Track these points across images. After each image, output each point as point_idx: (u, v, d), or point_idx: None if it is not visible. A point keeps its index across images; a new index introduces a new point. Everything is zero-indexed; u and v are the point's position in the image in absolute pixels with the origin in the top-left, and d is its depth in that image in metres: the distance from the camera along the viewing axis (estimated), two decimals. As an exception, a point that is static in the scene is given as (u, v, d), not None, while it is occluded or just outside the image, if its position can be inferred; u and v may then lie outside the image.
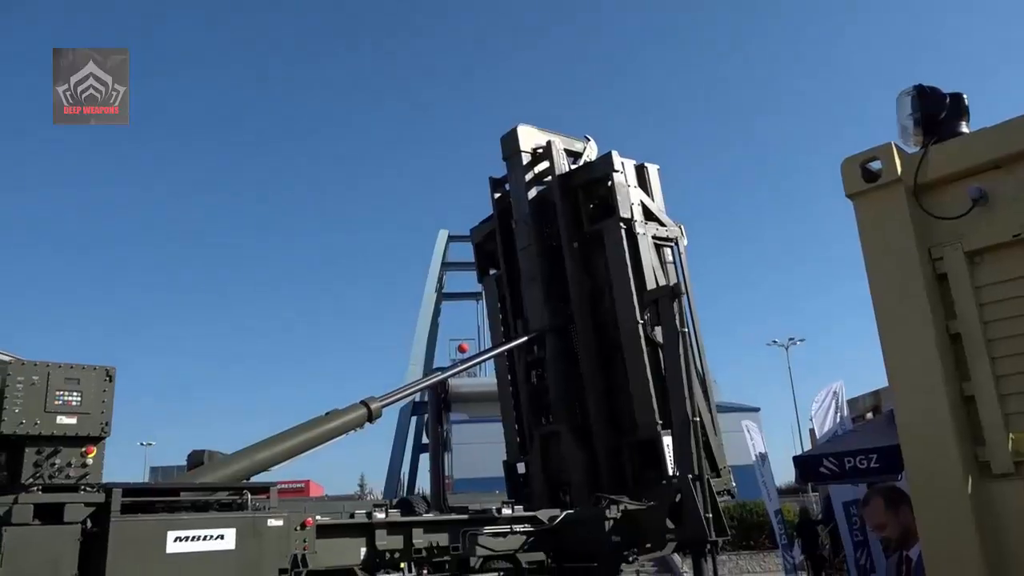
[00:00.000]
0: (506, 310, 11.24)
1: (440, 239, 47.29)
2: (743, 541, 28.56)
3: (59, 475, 5.27)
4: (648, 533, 8.17)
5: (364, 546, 7.29)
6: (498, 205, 11.37)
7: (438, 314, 45.54)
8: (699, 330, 9.86)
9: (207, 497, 5.96)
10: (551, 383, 10.16)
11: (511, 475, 10.95)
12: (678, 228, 10.34)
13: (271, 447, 7.41)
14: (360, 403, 8.27)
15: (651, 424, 9.05)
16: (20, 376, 5.23)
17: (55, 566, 5.03)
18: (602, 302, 10.08)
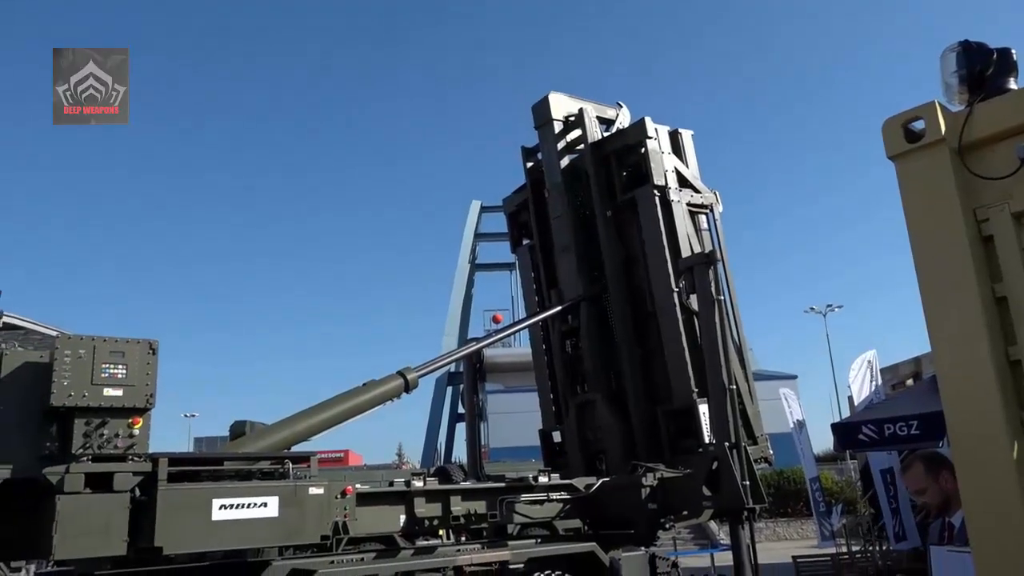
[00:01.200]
0: (540, 280, 11.22)
1: (472, 210, 47.27)
2: (780, 509, 28.50)
3: (107, 445, 5.41)
4: (685, 500, 8.18)
5: (403, 513, 7.42)
6: (530, 175, 11.32)
7: (472, 285, 45.70)
8: (735, 297, 9.77)
9: (250, 466, 6.10)
10: (586, 352, 10.16)
11: (547, 444, 11.02)
12: (713, 194, 10.20)
13: (310, 417, 7.54)
14: (397, 373, 8.37)
15: (687, 392, 9.01)
16: (67, 350, 5.37)
17: (106, 532, 5.20)
18: (636, 270, 10.02)
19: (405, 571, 6.51)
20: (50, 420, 5.42)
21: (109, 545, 5.23)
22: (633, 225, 10.04)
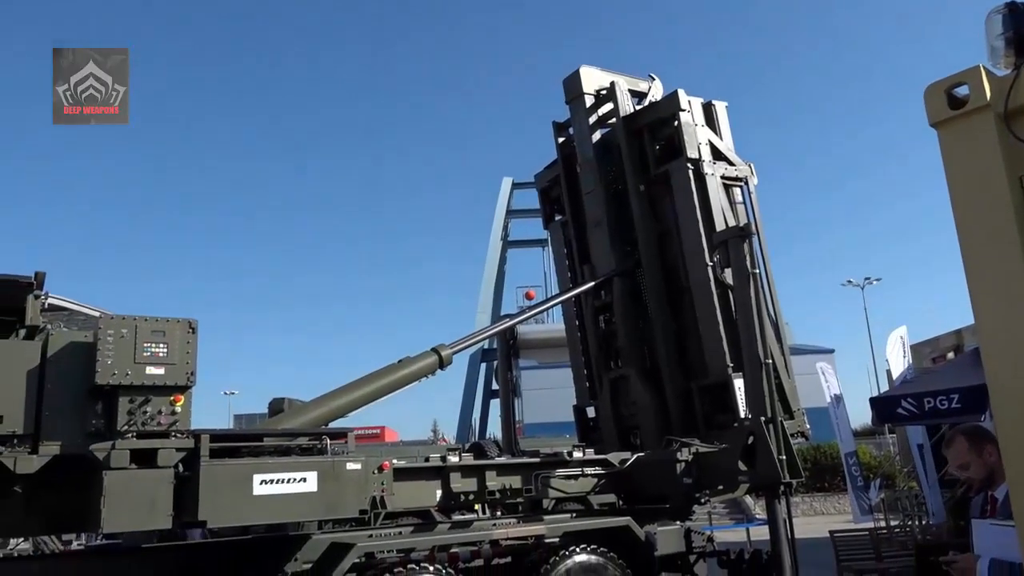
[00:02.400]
0: (572, 256, 11.18)
1: (504, 187, 47.13)
2: (817, 483, 28.32)
3: (151, 422, 5.54)
4: (720, 475, 8.16)
5: (439, 488, 7.50)
6: (562, 150, 11.24)
7: (504, 262, 45.67)
8: (770, 271, 9.64)
9: (288, 442, 6.20)
10: (619, 327, 10.13)
11: (581, 419, 11.05)
12: (748, 167, 10.04)
13: (347, 394, 7.64)
14: (431, 350, 8.42)
15: (722, 367, 8.96)
16: (110, 330, 5.49)
17: (152, 506, 5.33)
18: (670, 245, 9.93)
19: (442, 544, 6.59)
20: (95, 398, 5.55)
21: (155, 518, 5.37)
22: (666, 199, 9.94)
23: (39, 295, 6.10)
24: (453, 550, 6.62)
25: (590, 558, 7.00)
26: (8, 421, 5.25)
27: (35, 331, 6.05)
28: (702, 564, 8.23)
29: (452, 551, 6.61)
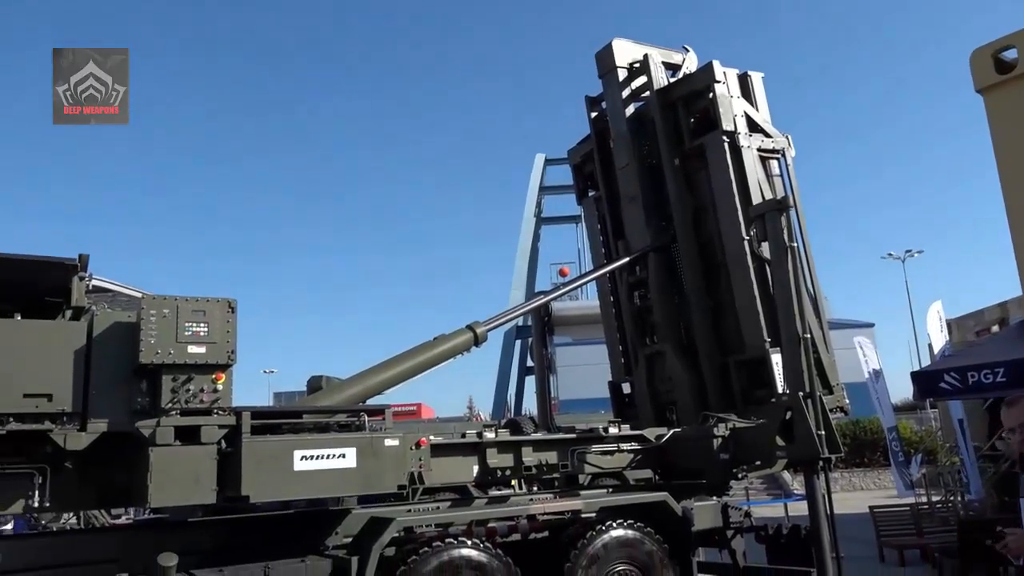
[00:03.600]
0: (607, 231, 11.12)
1: (537, 163, 46.90)
2: (856, 459, 28.02)
3: (194, 400, 5.65)
4: (757, 450, 8.10)
5: (476, 464, 7.57)
6: (595, 125, 11.14)
7: (538, 239, 45.55)
8: (808, 244, 9.48)
9: (327, 419, 6.29)
10: (655, 303, 10.07)
11: (616, 395, 11.05)
12: (785, 139, 9.85)
13: (383, 372, 7.72)
14: (466, 327, 8.46)
15: (759, 342, 8.87)
16: (152, 310, 5.60)
17: (196, 481, 5.46)
18: (705, 219, 9.82)
19: (480, 519, 6.66)
20: (140, 377, 5.68)
21: (199, 493, 5.50)
22: (702, 173, 9.82)
23: (83, 277, 6.24)
24: (491, 525, 6.68)
25: (627, 533, 7.03)
26: (57, 399, 5.40)
27: (80, 312, 6.20)
28: (739, 539, 8.21)
29: (490, 526, 6.67)
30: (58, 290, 6.24)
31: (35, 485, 5.47)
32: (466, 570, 6.17)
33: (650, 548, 7.08)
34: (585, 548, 6.77)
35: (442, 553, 6.14)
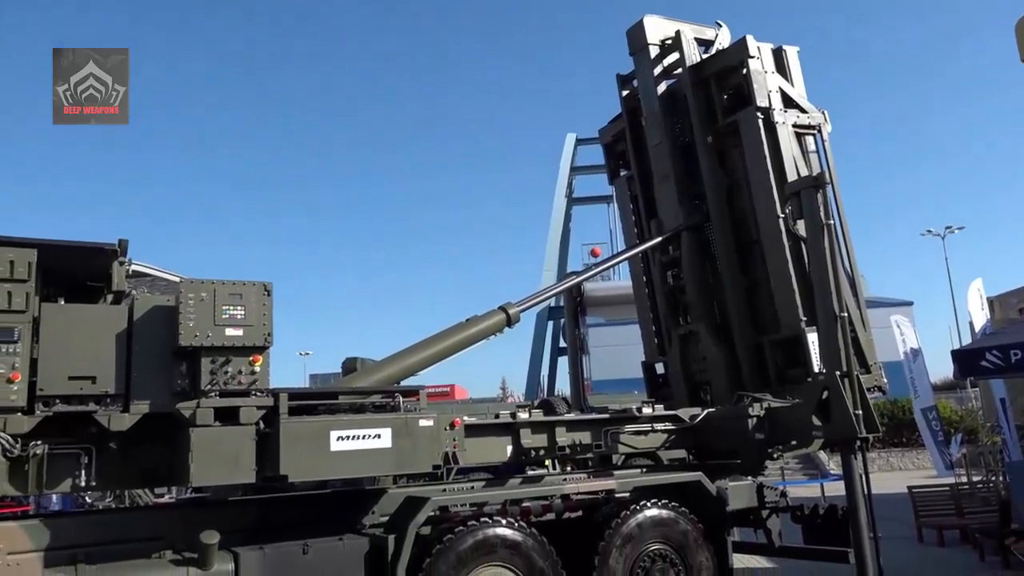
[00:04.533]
0: (639, 211, 11.04)
1: (568, 143, 46.52)
2: (894, 438, 27.68)
3: (232, 382, 5.75)
4: (793, 430, 8.04)
5: (510, 444, 7.61)
6: (627, 103, 11.04)
7: (569, 219, 45.26)
8: (845, 221, 9.33)
9: (362, 400, 6.36)
10: (688, 283, 9.99)
11: (650, 375, 11.01)
12: (821, 114, 9.68)
13: (417, 353, 7.77)
14: (498, 309, 8.48)
15: (795, 321, 8.77)
16: (191, 293, 5.69)
17: (236, 461, 5.57)
18: (739, 197, 9.70)
19: (514, 499, 6.71)
20: (180, 359, 5.79)
21: (239, 473, 5.60)
22: (735, 150, 9.69)
23: (123, 262, 6.36)
24: (525, 504, 6.73)
25: (661, 512, 7.03)
26: (101, 382, 5.53)
27: (121, 296, 6.33)
28: (775, 519, 8.18)
29: (524, 505, 6.72)
30: (99, 275, 6.37)
31: (81, 465, 5.62)
32: (501, 548, 6.23)
33: (685, 527, 7.08)
34: (619, 527, 6.78)
35: (477, 532, 6.21)
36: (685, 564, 7.02)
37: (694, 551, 7.06)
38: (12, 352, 5.30)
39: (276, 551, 5.76)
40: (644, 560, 6.85)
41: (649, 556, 6.89)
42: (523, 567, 6.27)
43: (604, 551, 6.68)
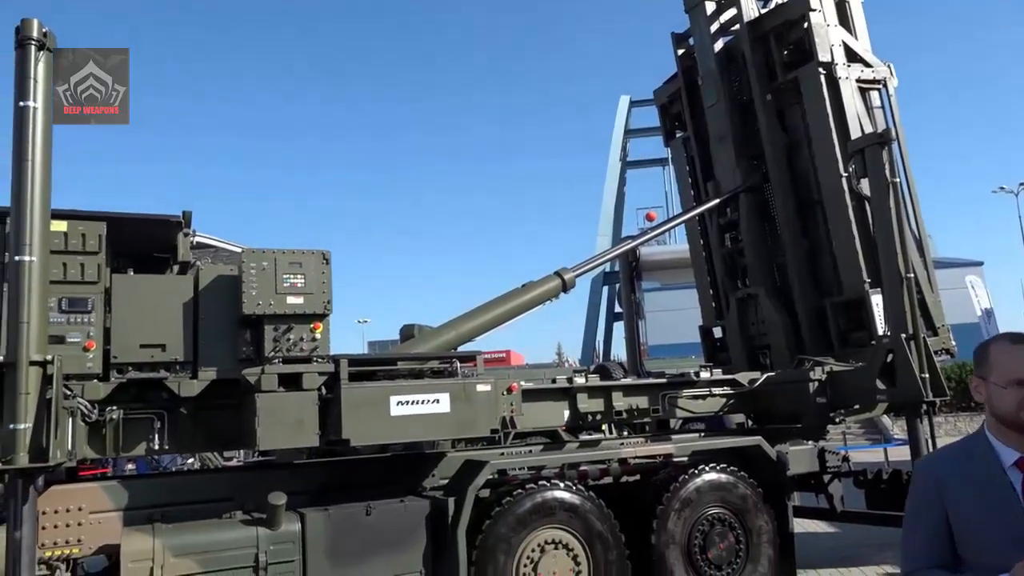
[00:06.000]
0: (695, 173, 10.86)
1: (622, 105, 45.88)
2: (963, 402, 26.91)
3: (294, 349, 5.88)
4: (856, 394, 7.89)
5: (567, 409, 7.64)
6: (682, 62, 10.81)
7: (624, 183, 44.82)
8: (912, 179, 9.02)
9: (420, 366, 6.45)
10: (746, 245, 9.82)
11: (707, 340, 10.91)
12: (886, 68, 9.31)
13: (473, 319, 7.83)
14: (554, 274, 8.47)
15: (858, 283, 8.55)
16: (252, 263, 5.82)
17: (300, 426, 5.72)
18: (800, 156, 9.45)
19: (571, 463, 6.74)
20: (244, 327, 5.95)
21: (303, 437, 5.76)
22: (796, 108, 9.42)
23: (188, 233, 6.54)
24: (582, 468, 6.76)
25: (720, 476, 6.99)
26: (170, 349, 5.73)
27: (187, 267, 6.53)
28: (837, 484, 8.06)
29: (581, 469, 6.75)
30: (166, 246, 6.57)
31: (155, 429, 5.85)
32: (560, 511, 6.29)
33: (744, 492, 7.03)
34: (678, 491, 6.77)
35: (536, 495, 6.27)
36: (744, 528, 6.98)
37: (753, 515, 7.02)
38: (87, 321, 5.52)
39: (340, 512, 5.92)
40: (703, 524, 6.84)
41: (708, 520, 6.87)
42: (581, 529, 6.32)
43: (662, 515, 6.68)
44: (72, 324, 5.48)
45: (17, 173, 4.81)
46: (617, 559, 6.40)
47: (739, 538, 6.95)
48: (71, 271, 5.49)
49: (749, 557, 6.94)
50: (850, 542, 9.69)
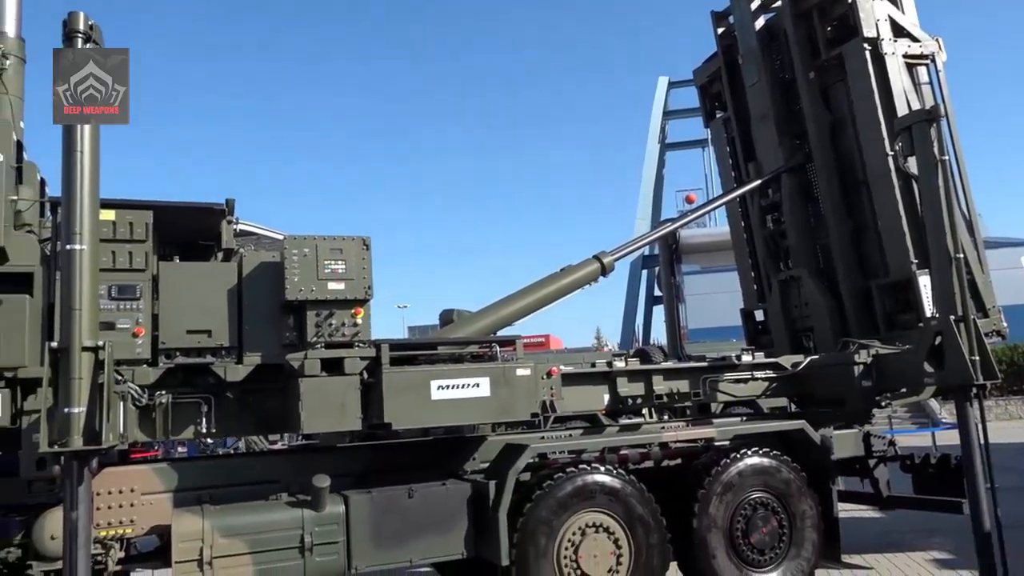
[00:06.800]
0: (736, 154, 10.70)
1: (660, 87, 45.26)
2: (1014, 385, 26.24)
3: (336, 334, 5.97)
4: (903, 377, 7.74)
5: (607, 393, 7.63)
6: (722, 41, 10.64)
7: (662, 166, 44.27)
8: (961, 157, 8.76)
9: (460, 350, 6.48)
10: (789, 226, 9.66)
11: (749, 323, 10.79)
12: (935, 42, 9.04)
13: (512, 304, 7.84)
14: (593, 258, 8.44)
15: (905, 263, 8.36)
16: (294, 249, 5.91)
17: (342, 410, 5.80)
18: (844, 135, 9.24)
19: (612, 446, 6.74)
20: (287, 312, 6.05)
21: (346, 420, 5.84)
22: (840, 85, 9.21)
23: (231, 220, 6.64)
24: (623, 452, 6.75)
25: (762, 460, 6.93)
26: (216, 335, 5.85)
27: (231, 253, 6.64)
28: (883, 468, 7.95)
29: (622, 452, 6.74)
30: (210, 234, 6.68)
31: (202, 413, 5.98)
32: (600, 495, 6.29)
33: (787, 476, 6.96)
34: (720, 475, 6.73)
35: (576, 478, 6.28)
36: (788, 512, 6.92)
37: (797, 499, 6.95)
38: (136, 308, 5.66)
39: (383, 495, 6.00)
40: (745, 508, 6.79)
41: (750, 504, 6.83)
42: (622, 513, 6.32)
43: (704, 499, 6.65)
44: (121, 311, 5.62)
45: (67, 164, 4.92)
46: (659, 543, 6.40)
47: (782, 522, 6.90)
48: (120, 259, 5.63)
49: (793, 542, 6.89)
50: (897, 528, 9.56)
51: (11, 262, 5.44)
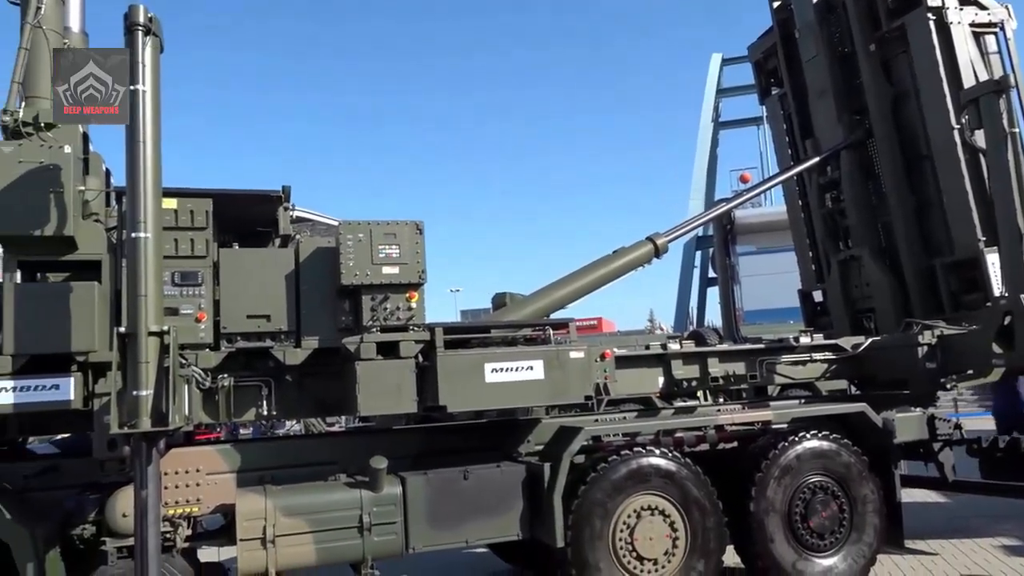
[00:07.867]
0: (793, 131, 10.46)
1: (713, 64, 44.40)
2: (1088, 367, 25.16)
3: (391, 318, 6.05)
4: (969, 359, 7.49)
5: (661, 375, 7.58)
6: (778, 15, 10.38)
7: (716, 145, 43.50)
8: (1033, 129, 8.39)
9: (514, 333, 6.50)
10: (849, 205, 9.43)
11: (807, 304, 10.59)
12: (1004, 9, 8.67)
13: (565, 287, 7.82)
14: (646, 239, 8.36)
15: (971, 241, 8.09)
16: (349, 235, 5.99)
17: (398, 392, 5.88)
18: (906, 109, 8.95)
19: (667, 429, 6.69)
20: (343, 297, 6.14)
21: (402, 403, 5.92)
22: (902, 57, 8.92)
23: (287, 207, 6.77)
24: (678, 434, 6.69)
25: (821, 444, 6.80)
26: (275, 319, 5.99)
27: (288, 240, 6.77)
28: (948, 452, 7.73)
29: (677, 435, 6.68)
30: (267, 220, 6.82)
31: (263, 396, 6.14)
32: (655, 478, 6.26)
33: (847, 460, 6.82)
34: (777, 458, 6.63)
35: (631, 461, 6.26)
36: (848, 497, 6.79)
37: (858, 484, 6.81)
38: (198, 294, 5.82)
39: (439, 476, 6.08)
40: (804, 491, 6.68)
41: (809, 488, 6.71)
42: (678, 496, 6.28)
43: (761, 482, 6.56)
44: (184, 297, 5.79)
45: (130, 154, 5.06)
46: (715, 526, 6.35)
47: (843, 507, 6.78)
48: (182, 246, 5.79)
49: (854, 526, 6.77)
50: (963, 513, 9.32)
51: (80, 251, 5.64)
